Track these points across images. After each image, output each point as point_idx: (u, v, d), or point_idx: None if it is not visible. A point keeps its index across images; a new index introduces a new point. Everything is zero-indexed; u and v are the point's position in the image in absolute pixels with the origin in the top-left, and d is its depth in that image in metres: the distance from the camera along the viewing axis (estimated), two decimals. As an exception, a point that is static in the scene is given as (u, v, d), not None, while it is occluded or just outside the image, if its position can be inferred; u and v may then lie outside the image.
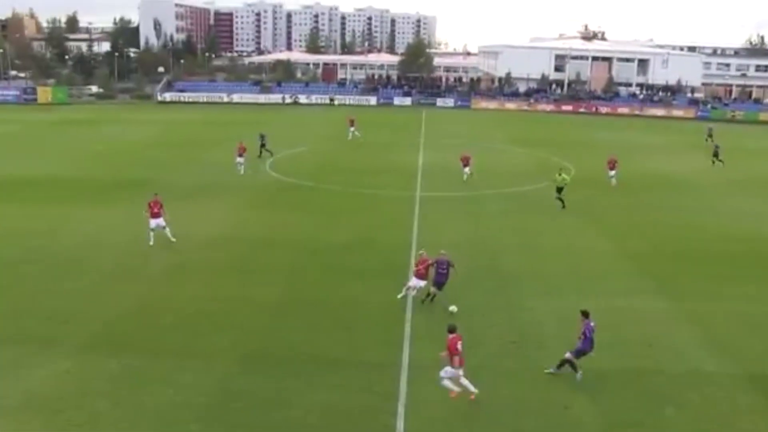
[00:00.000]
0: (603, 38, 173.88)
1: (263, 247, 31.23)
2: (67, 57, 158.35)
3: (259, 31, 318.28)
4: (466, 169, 46.70)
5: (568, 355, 19.30)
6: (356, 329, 22.36)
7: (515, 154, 62.05)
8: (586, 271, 28.99)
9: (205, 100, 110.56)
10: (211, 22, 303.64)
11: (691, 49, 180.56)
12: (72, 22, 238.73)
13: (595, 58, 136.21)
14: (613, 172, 47.16)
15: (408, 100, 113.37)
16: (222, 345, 21.00)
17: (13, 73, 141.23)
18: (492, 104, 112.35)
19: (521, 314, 24.05)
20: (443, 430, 16.86)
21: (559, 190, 40.00)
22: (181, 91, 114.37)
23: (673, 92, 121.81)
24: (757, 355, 21.29)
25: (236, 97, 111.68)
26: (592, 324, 19.27)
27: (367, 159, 56.30)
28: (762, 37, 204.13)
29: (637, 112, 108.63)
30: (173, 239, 30.86)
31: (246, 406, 17.54)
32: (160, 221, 30.93)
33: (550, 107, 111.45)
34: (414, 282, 24.24)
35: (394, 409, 17.49)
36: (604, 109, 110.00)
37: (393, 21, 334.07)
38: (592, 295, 25.55)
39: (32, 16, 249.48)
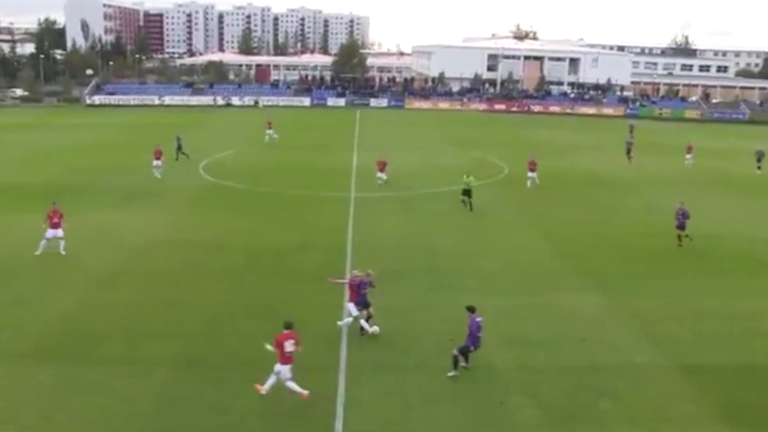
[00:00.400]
0: (534, 38, 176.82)
1: (200, 252, 30.81)
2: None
3: (190, 32, 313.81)
4: (381, 174, 45.04)
5: (454, 351, 19.38)
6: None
7: (449, 153, 62.60)
8: (522, 269, 29.46)
9: (135, 102, 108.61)
10: (141, 23, 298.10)
11: (620, 48, 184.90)
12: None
13: (527, 58, 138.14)
14: (532, 174, 46.12)
15: (342, 101, 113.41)
16: (160, 352, 20.68)
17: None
18: (425, 104, 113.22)
19: (458, 313, 24.21)
20: (381, 430, 16.93)
21: (466, 192, 39.08)
22: (111, 93, 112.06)
23: (603, 91, 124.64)
24: (686, 346, 22.00)
25: (168, 100, 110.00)
26: (478, 320, 19.49)
27: (301, 160, 56.07)
28: (686, 37, 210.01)
29: (568, 111, 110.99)
30: (63, 252, 29.64)
31: (185, 413, 17.33)
32: (58, 231, 29.80)
33: (483, 106, 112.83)
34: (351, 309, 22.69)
35: (333, 410, 17.52)
36: (536, 108, 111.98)
37: (326, 21, 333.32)
38: (528, 292, 26.06)
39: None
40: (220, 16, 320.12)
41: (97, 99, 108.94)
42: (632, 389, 19.10)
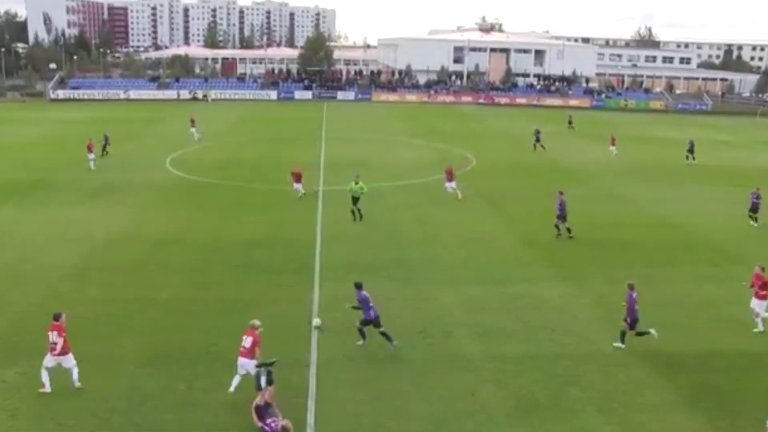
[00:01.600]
0: (500, 30, 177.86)
1: (167, 246, 30.62)
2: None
3: (155, 26, 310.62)
4: (298, 186, 39.76)
5: (357, 324, 20.75)
6: (264, 326, 22.18)
7: (415, 146, 62.69)
8: (489, 259, 29.66)
9: (100, 97, 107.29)
10: (105, 16, 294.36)
11: (585, 40, 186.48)
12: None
13: (493, 50, 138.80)
14: (450, 183, 40.77)
15: (309, 94, 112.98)
16: (127, 348, 20.53)
17: None
18: (392, 96, 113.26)
19: (427, 304, 24.40)
20: (353, 423, 16.97)
21: (355, 200, 35.43)
22: (75, 88, 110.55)
23: (569, 82, 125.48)
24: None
25: (133, 94, 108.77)
26: (364, 293, 20.62)
27: (269, 154, 55.82)
28: (650, 29, 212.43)
29: (534, 102, 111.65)
30: None
31: (154, 409, 17.21)
32: None
33: (449, 98, 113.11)
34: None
35: (304, 404, 17.53)
36: (503, 100, 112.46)
37: (292, 14, 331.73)
38: (496, 282, 26.27)
39: None
40: (186, 10, 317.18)
41: (62, 93, 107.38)
42: (601, 377, 19.36)
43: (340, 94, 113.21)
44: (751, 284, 23.12)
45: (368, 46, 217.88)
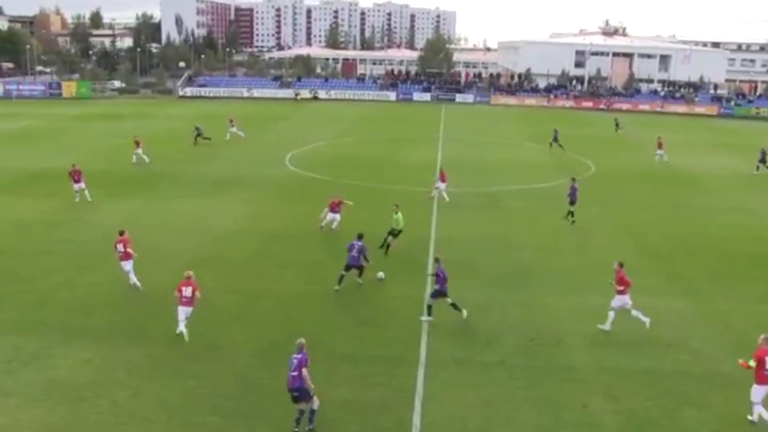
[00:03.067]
0: (624, 34, 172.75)
1: (282, 240, 31.37)
2: (91, 52, 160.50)
3: (279, 27, 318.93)
4: (335, 216, 33.29)
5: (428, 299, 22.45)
6: (374, 323, 22.41)
7: (535, 150, 61.78)
8: (605, 268, 28.75)
9: (225, 94, 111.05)
10: (232, 17, 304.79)
11: (715, 45, 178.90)
12: (96, 18, 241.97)
13: (615, 54, 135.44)
14: (442, 185, 39.63)
15: (427, 96, 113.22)
16: (240, 338, 21.16)
17: (39, 68, 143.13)
18: (511, 100, 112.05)
19: (539, 311, 24.00)
20: (459, 425, 16.85)
21: (395, 234, 29.93)
22: (202, 86, 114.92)
23: (695, 89, 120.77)
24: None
25: (256, 92, 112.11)
26: (442, 267, 22.41)
27: (386, 155, 56.25)
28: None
29: (658, 109, 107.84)
30: None
31: (263, 399, 17.63)
32: None
33: (569, 103, 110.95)
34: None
35: (411, 404, 17.52)
36: (624, 106, 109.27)
37: (413, 16, 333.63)
38: (610, 292, 25.42)
39: (58, 12, 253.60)
40: (309, 11, 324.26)
41: (189, 91, 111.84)
42: (719, 399, 18.36)
43: (459, 97, 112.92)
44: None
45: (488, 49, 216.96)
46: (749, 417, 17.29)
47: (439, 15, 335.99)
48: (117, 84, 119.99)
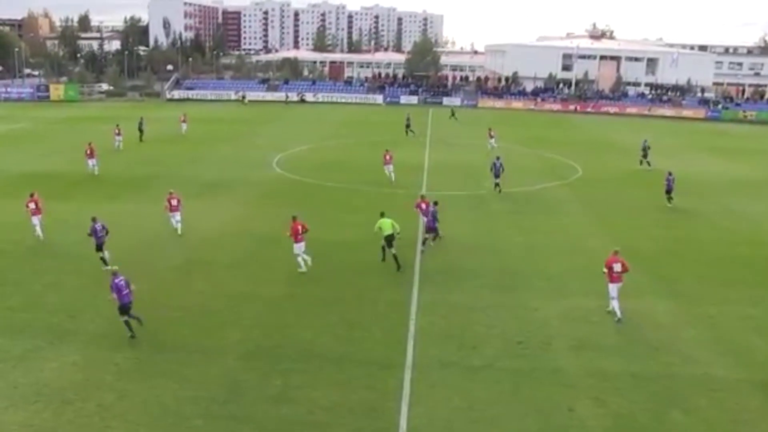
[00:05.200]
0: (611, 37, 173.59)
1: (270, 244, 31.26)
2: (79, 55, 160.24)
3: (266, 30, 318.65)
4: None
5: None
6: (361, 327, 22.39)
7: (522, 153, 61.87)
8: (592, 271, 28.83)
9: (212, 97, 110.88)
10: (219, 20, 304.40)
11: (702, 48, 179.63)
12: (84, 21, 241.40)
13: (603, 57, 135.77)
14: (388, 167, 46.07)
15: (415, 99, 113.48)
16: (227, 341, 21.10)
17: (28, 71, 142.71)
18: (499, 103, 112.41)
19: (526, 314, 24.03)
20: (445, 428, 16.84)
21: (389, 240, 28.49)
22: (190, 88, 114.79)
23: (682, 92, 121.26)
24: (766, 359, 21.02)
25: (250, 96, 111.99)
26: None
27: (373, 157, 56.08)
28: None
29: (645, 112, 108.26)
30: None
31: (251, 402, 17.58)
32: (177, 215, 32.53)
33: (557, 107, 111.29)
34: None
35: (398, 408, 17.51)
36: (612, 109, 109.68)
37: (400, 19, 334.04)
38: (597, 295, 25.45)
39: (46, 15, 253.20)
40: (296, 14, 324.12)
41: (177, 94, 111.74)
42: (707, 402, 18.33)
43: (446, 100, 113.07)
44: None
45: (475, 52, 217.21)
46: (607, 308, 23.30)
47: (427, 18, 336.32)
48: (105, 87, 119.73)
